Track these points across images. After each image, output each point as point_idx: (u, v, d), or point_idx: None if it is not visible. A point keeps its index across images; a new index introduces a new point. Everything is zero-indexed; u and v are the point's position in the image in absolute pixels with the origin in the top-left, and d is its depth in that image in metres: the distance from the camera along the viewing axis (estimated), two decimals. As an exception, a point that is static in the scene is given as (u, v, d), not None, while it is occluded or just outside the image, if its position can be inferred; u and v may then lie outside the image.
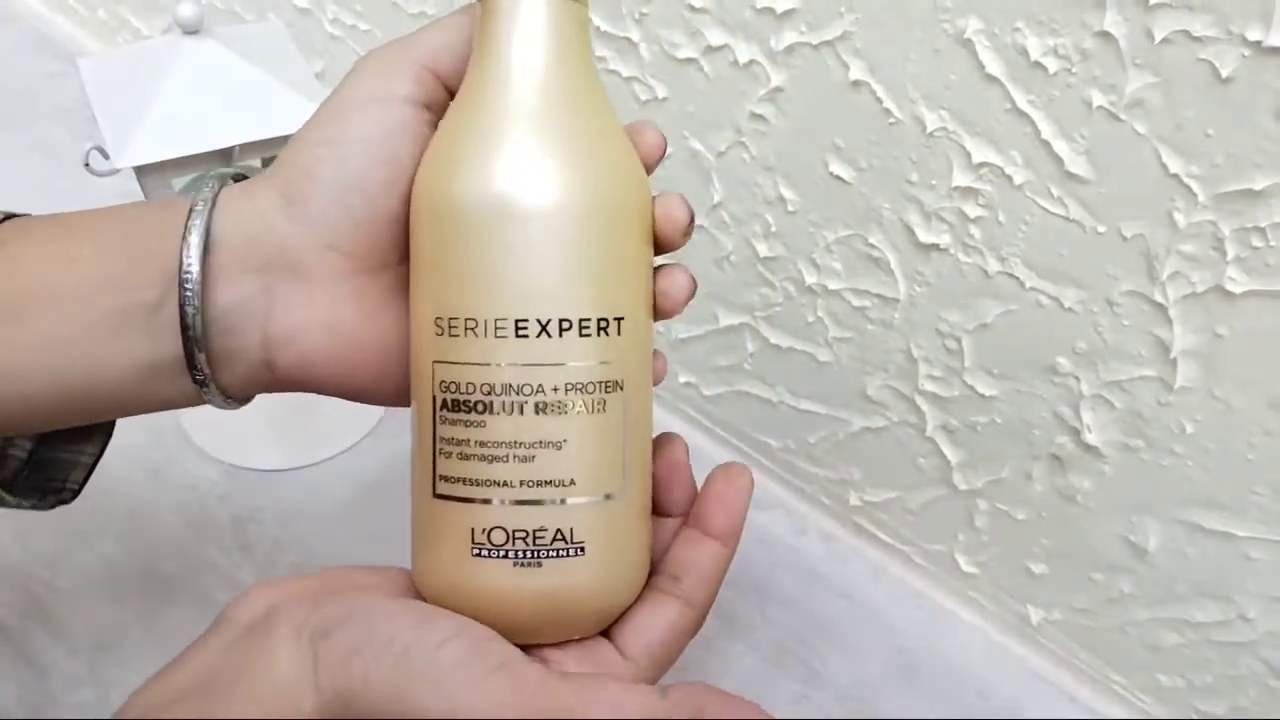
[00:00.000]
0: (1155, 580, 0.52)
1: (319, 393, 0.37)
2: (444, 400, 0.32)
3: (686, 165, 0.59)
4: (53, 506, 0.42)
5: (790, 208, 0.55)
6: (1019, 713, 0.58)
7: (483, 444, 0.32)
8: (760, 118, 0.54)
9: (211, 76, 0.54)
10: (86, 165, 0.53)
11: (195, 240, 0.33)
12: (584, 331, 0.32)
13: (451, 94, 0.35)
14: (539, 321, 0.31)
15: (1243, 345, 0.44)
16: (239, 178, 0.37)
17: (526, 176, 0.32)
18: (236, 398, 0.37)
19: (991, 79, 0.45)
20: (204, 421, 0.67)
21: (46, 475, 0.41)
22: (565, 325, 0.32)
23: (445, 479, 0.33)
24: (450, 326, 0.32)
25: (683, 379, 0.69)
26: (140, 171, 0.53)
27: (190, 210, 0.34)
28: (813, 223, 0.55)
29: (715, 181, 0.58)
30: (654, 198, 0.35)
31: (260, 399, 0.66)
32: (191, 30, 0.54)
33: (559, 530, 0.32)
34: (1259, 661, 0.50)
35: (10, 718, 0.54)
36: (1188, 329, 0.45)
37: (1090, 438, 0.50)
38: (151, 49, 0.55)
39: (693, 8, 0.53)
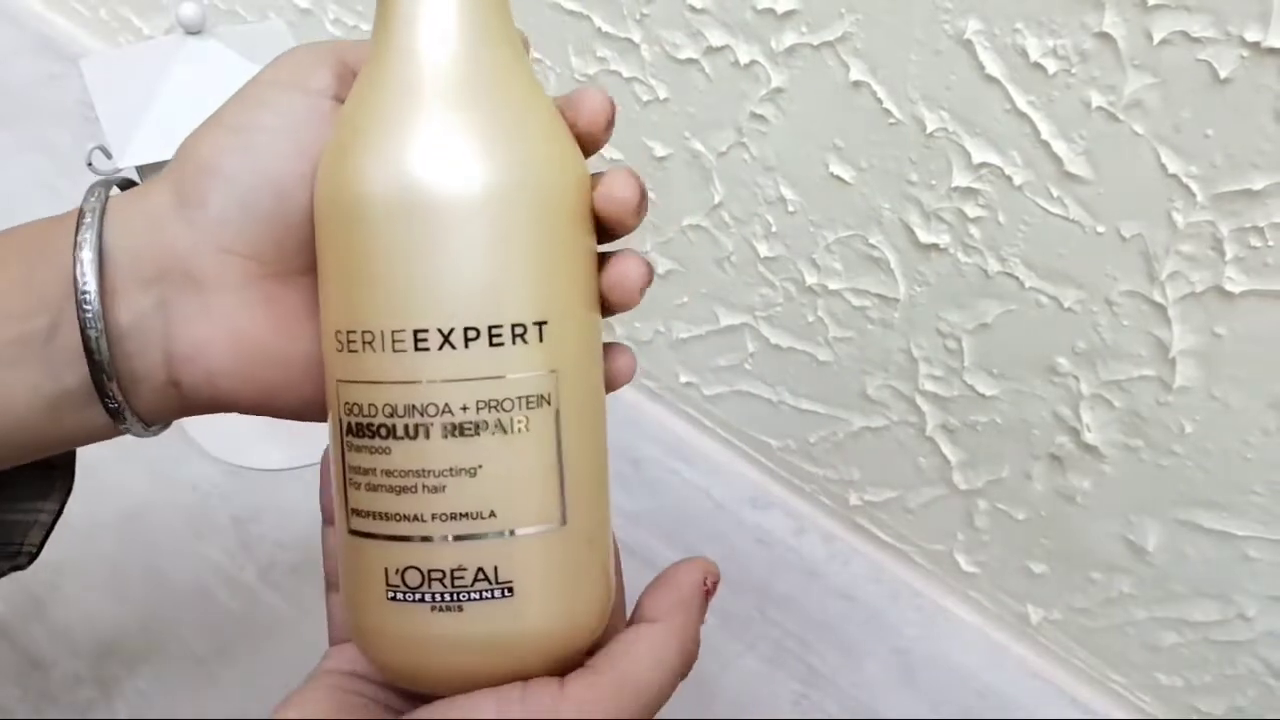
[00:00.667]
0: (1154, 580, 0.52)
1: (237, 411, 0.33)
2: (349, 424, 0.29)
3: (687, 166, 0.59)
4: (4, 574, 0.38)
5: (791, 208, 0.56)
6: (1018, 712, 0.58)
7: (389, 473, 0.28)
8: (761, 118, 0.54)
9: (213, 76, 0.54)
10: (89, 165, 0.53)
11: (88, 256, 0.30)
12: (495, 340, 0.28)
13: None
14: (440, 332, 0.27)
15: (1241, 345, 0.44)
16: (127, 185, 0.33)
17: (417, 164, 0.28)
18: (151, 423, 0.33)
19: (991, 80, 0.45)
20: (205, 421, 0.67)
21: (2, 540, 0.38)
22: (472, 335, 0.27)
23: (357, 513, 0.29)
24: (349, 341, 0.28)
25: (683, 379, 0.69)
26: (142, 171, 0.53)
27: (79, 224, 0.30)
28: (813, 223, 0.55)
29: (716, 182, 0.58)
30: (595, 176, 0.31)
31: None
32: (193, 30, 0.55)
33: (480, 569, 0.28)
34: (1258, 661, 0.50)
35: (12, 717, 0.54)
36: (1187, 329, 0.45)
37: (1090, 437, 0.50)
38: (153, 49, 0.55)
39: (694, 8, 0.53)
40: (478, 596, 0.28)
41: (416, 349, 0.27)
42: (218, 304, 0.31)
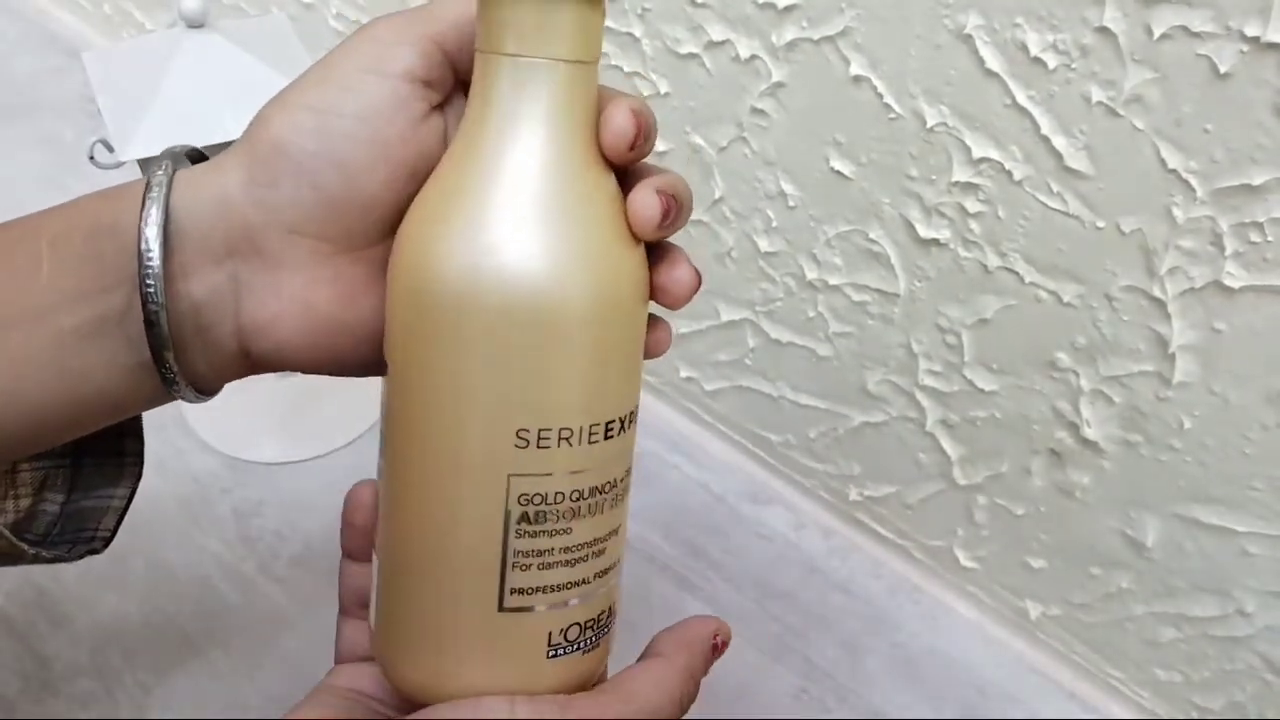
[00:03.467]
0: (1153, 575, 0.52)
1: (300, 371, 0.35)
2: (523, 514, 0.30)
3: (688, 160, 0.59)
4: (81, 557, 0.39)
5: (791, 203, 0.56)
6: (1017, 707, 0.58)
7: (568, 549, 0.31)
8: (761, 113, 0.54)
9: (215, 70, 0.54)
10: (91, 158, 0.53)
11: (153, 232, 0.30)
12: (626, 426, 0.32)
13: (457, 74, 0.33)
14: (620, 420, 0.32)
15: (1241, 340, 0.44)
16: (198, 157, 0.34)
17: (568, 289, 0.29)
18: (209, 389, 0.35)
19: (991, 74, 0.45)
20: (207, 414, 0.67)
21: (78, 525, 0.39)
22: (632, 418, 0.32)
23: (518, 591, 0.31)
24: (540, 439, 0.30)
25: (684, 374, 0.69)
26: (144, 164, 0.53)
27: (144, 197, 0.31)
28: (813, 218, 0.55)
29: (716, 176, 0.58)
30: (602, 110, 0.31)
31: (263, 392, 0.66)
32: (196, 24, 0.55)
33: (610, 607, 0.33)
34: (1256, 656, 0.50)
35: (13, 707, 0.54)
36: (1186, 324, 0.45)
37: (1089, 433, 0.50)
38: (156, 43, 0.55)
39: (695, 3, 0.53)
40: (607, 630, 0.33)
41: (605, 438, 0.31)
42: (288, 281, 0.32)
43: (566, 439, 0.30)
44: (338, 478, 0.65)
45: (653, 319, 0.34)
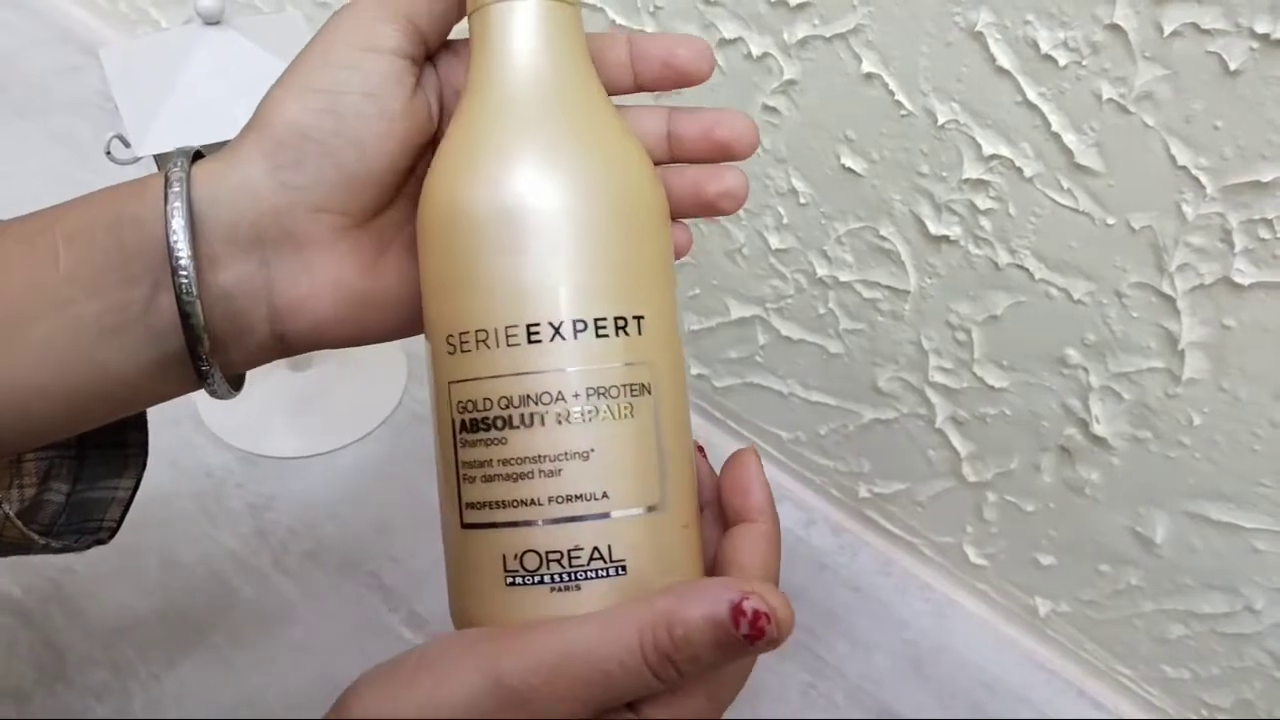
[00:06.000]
0: (1162, 572, 0.52)
1: (331, 347, 0.36)
2: (462, 422, 0.31)
3: (699, 158, 0.59)
4: (88, 547, 0.40)
5: (802, 200, 0.56)
6: (1025, 705, 0.59)
7: (506, 462, 0.30)
8: (773, 110, 0.54)
9: (231, 66, 0.55)
10: (108, 153, 0.54)
11: (179, 224, 0.31)
12: (601, 332, 0.30)
13: (428, 51, 0.34)
14: (551, 325, 0.30)
15: (1250, 337, 0.44)
16: (198, 155, 0.35)
17: (526, 179, 0.30)
18: (238, 382, 0.36)
19: (1002, 71, 0.45)
20: (220, 409, 0.67)
21: (83, 516, 0.40)
22: (580, 326, 0.30)
23: (472, 506, 0.31)
24: (462, 342, 0.30)
25: (694, 371, 0.69)
26: (161, 160, 0.54)
27: (166, 192, 0.32)
28: (824, 215, 0.55)
29: (728, 174, 0.58)
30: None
31: (276, 387, 0.67)
32: (212, 21, 0.55)
33: (595, 548, 0.30)
34: (1265, 653, 0.51)
35: (28, 697, 0.54)
36: (1196, 321, 0.45)
37: (1098, 429, 0.50)
38: (172, 39, 0.56)
39: (707, 1, 0.53)
40: (594, 575, 0.30)
41: (530, 342, 0.30)
42: (318, 260, 0.33)
43: (483, 341, 0.30)
44: (350, 472, 0.66)
45: (723, 166, 0.36)
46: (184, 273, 0.31)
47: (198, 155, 0.34)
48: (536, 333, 0.30)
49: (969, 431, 0.57)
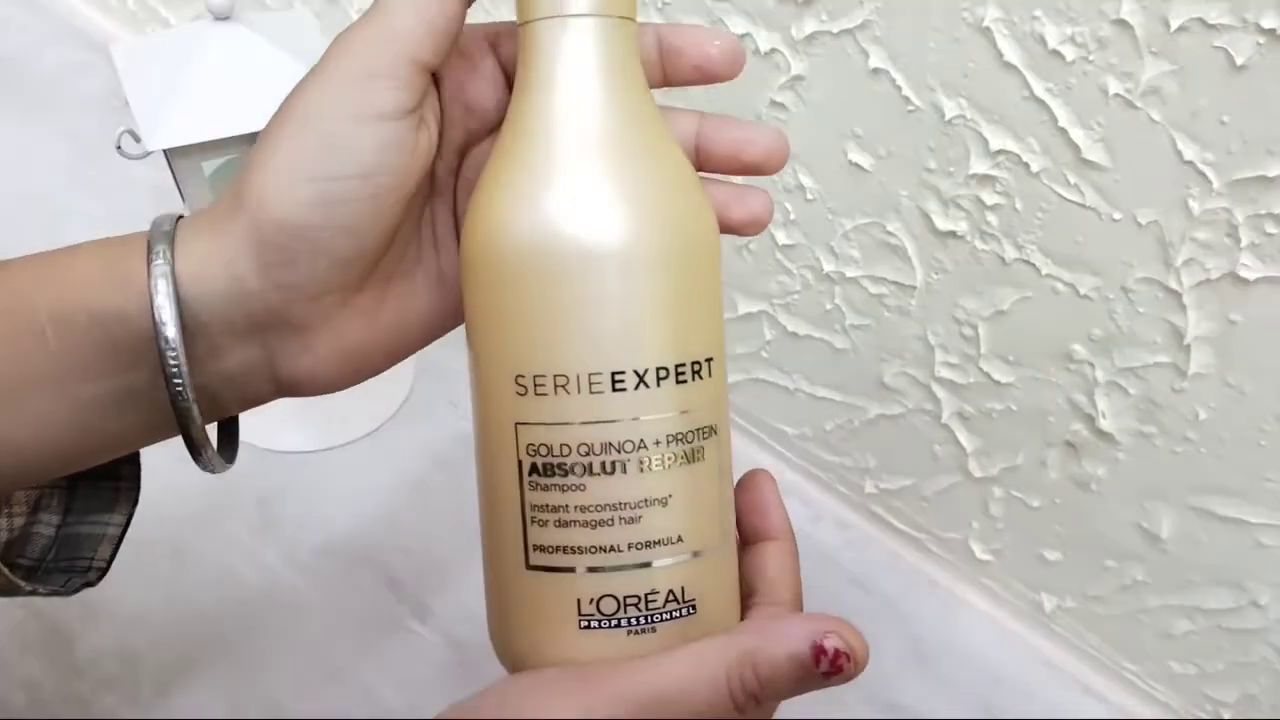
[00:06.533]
0: (1168, 567, 0.52)
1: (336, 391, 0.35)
2: (533, 465, 0.30)
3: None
4: (76, 590, 0.39)
5: (809, 195, 0.56)
6: (1031, 700, 0.59)
7: (584, 509, 0.30)
8: (780, 106, 0.54)
9: (241, 62, 0.55)
10: (118, 148, 0.54)
11: (172, 332, 0.30)
12: (680, 378, 0.30)
13: (437, 83, 0.33)
14: (636, 373, 0.29)
15: (1256, 332, 0.44)
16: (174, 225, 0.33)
17: (611, 222, 0.29)
18: (235, 451, 0.37)
19: (1010, 67, 0.45)
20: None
21: (73, 553, 0.39)
22: (662, 374, 0.30)
23: (541, 549, 0.30)
24: (537, 385, 0.30)
25: (701, 367, 0.69)
26: (170, 154, 0.54)
27: (150, 290, 0.30)
28: (831, 210, 0.56)
29: (735, 170, 0.59)
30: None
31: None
32: (223, 16, 0.55)
33: (671, 591, 0.30)
34: (1271, 649, 0.51)
35: (39, 689, 0.55)
36: (1202, 315, 0.45)
37: (1105, 424, 0.51)
38: (183, 35, 0.56)
39: (714, -3, 0.53)
40: (668, 617, 0.30)
41: (614, 390, 0.29)
42: (319, 338, 0.33)
43: (562, 386, 0.29)
44: (359, 467, 0.66)
45: (748, 190, 0.34)
46: (179, 382, 0.30)
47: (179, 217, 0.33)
48: (621, 382, 0.29)
49: (975, 427, 0.57)
